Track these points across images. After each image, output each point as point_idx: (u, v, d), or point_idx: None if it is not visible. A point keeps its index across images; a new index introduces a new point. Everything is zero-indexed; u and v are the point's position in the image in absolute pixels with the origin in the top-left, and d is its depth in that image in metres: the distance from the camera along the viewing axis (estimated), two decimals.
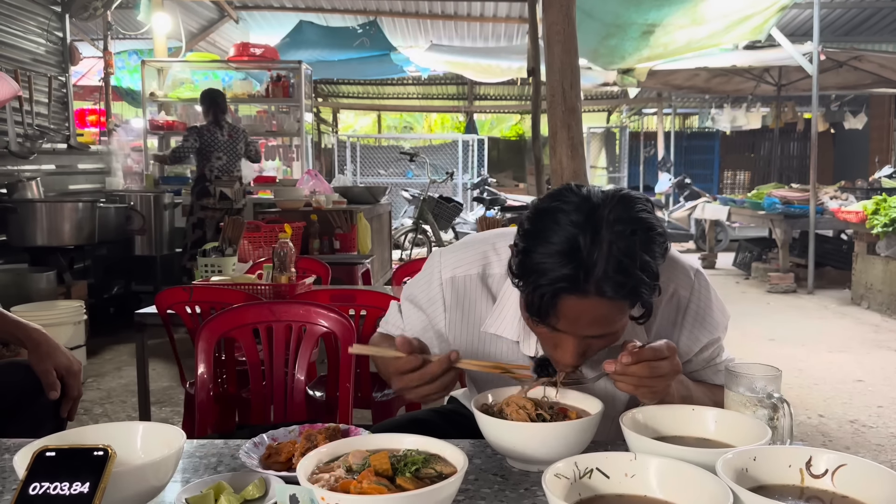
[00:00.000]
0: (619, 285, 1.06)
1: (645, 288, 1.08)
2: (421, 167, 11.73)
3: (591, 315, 1.10)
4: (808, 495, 0.93)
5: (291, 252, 2.75)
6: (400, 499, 0.87)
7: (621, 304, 1.10)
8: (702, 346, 1.35)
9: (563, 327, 1.12)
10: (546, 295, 1.08)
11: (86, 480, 0.89)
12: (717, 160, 16.03)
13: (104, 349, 5.06)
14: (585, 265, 1.05)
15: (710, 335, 1.34)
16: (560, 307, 1.09)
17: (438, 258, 1.41)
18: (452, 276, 1.37)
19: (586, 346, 1.16)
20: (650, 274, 1.08)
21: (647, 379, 1.11)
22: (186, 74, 7.99)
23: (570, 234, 1.06)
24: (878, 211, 6.38)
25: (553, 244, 1.07)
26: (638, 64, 8.65)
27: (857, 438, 3.49)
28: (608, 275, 1.05)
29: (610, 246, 1.05)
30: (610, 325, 1.13)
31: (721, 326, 1.36)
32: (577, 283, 1.05)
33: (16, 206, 4.97)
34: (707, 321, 1.34)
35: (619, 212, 1.07)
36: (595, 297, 1.07)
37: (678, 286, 1.33)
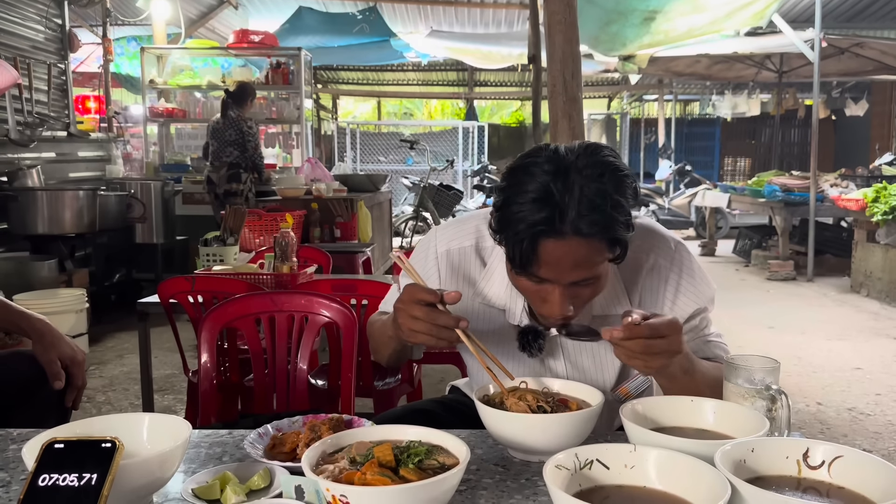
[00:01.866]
0: (594, 223, 1.11)
1: (618, 225, 1.13)
2: (421, 154, 11.71)
3: (570, 257, 1.14)
4: (804, 486, 0.94)
5: (293, 241, 2.76)
6: (403, 490, 0.89)
7: (598, 244, 1.14)
8: (688, 315, 1.36)
9: (545, 274, 1.16)
10: (525, 241, 1.13)
11: (94, 472, 0.90)
12: (717, 147, 16.01)
13: (106, 337, 5.08)
14: (560, 207, 1.10)
15: (695, 304, 1.36)
16: (540, 252, 1.13)
17: (434, 234, 1.46)
18: (447, 250, 1.41)
19: (573, 295, 1.19)
20: (622, 212, 1.13)
21: (640, 354, 1.12)
22: (186, 61, 7.96)
23: (543, 182, 1.12)
24: (879, 199, 6.38)
25: (528, 193, 1.12)
26: (639, 50, 8.61)
27: (855, 426, 3.52)
28: (582, 214, 1.10)
29: (581, 188, 1.11)
30: (590, 267, 1.16)
31: (706, 297, 1.37)
32: (553, 225, 1.11)
33: (16, 195, 4.97)
34: (690, 291, 1.36)
35: (587, 158, 1.14)
36: (572, 237, 1.11)
37: (659, 257, 1.36)
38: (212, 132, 5.83)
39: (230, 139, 5.77)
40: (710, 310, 1.41)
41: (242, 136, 5.75)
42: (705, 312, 1.40)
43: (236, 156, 5.76)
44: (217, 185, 5.75)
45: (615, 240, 1.14)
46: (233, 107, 5.80)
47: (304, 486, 0.92)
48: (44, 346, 1.61)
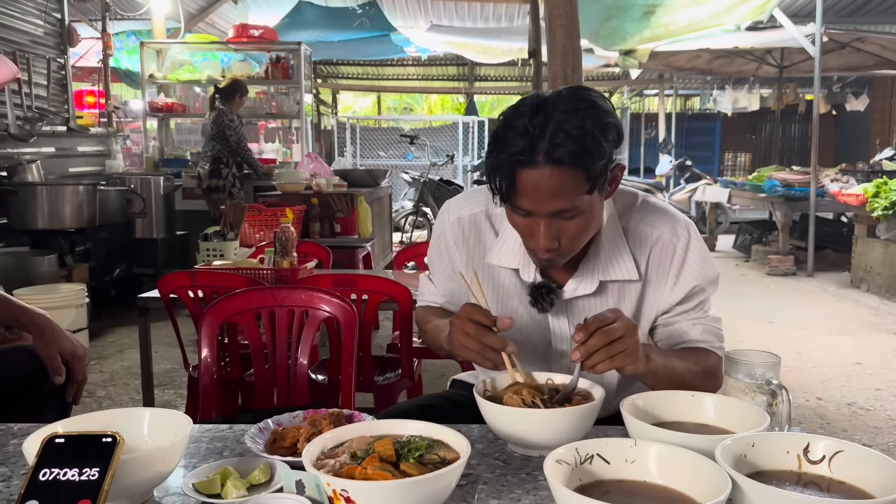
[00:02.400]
0: (566, 150, 1.16)
1: (592, 155, 1.17)
2: (421, 149, 11.70)
3: (546, 186, 1.18)
4: (805, 481, 0.95)
5: (293, 236, 2.76)
6: (404, 484, 0.89)
7: (572, 173, 1.18)
8: (688, 290, 1.40)
9: (525, 205, 1.22)
10: (504, 169, 1.20)
11: (95, 467, 0.90)
12: (717, 142, 15.99)
13: (106, 332, 5.08)
14: (536, 139, 1.17)
15: (695, 280, 1.40)
16: (517, 183, 1.20)
17: (446, 206, 1.55)
18: (459, 217, 1.49)
19: (556, 229, 1.24)
20: (597, 144, 1.17)
21: (610, 346, 1.15)
22: (185, 56, 7.94)
23: (524, 120, 1.19)
24: (879, 194, 6.37)
25: (510, 129, 1.20)
26: (639, 45, 8.60)
27: (855, 421, 3.52)
28: (555, 143, 1.16)
29: (558, 122, 1.17)
30: (567, 197, 1.20)
31: (708, 277, 1.42)
32: (527, 155, 1.17)
33: (16, 189, 4.97)
34: (694, 268, 1.40)
35: (567, 96, 1.21)
36: (546, 165, 1.17)
37: (670, 233, 1.40)
38: (202, 128, 5.86)
39: (212, 134, 5.77)
40: (710, 293, 1.44)
41: (222, 129, 5.73)
42: (704, 294, 1.43)
43: (218, 150, 5.76)
44: (202, 180, 5.77)
45: (588, 169, 1.18)
46: (220, 102, 5.79)
47: (304, 480, 0.92)
48: (44, 341, 1.61)
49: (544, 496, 1.01)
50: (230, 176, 5.77)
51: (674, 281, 1.40)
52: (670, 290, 1.41)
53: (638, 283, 1.40)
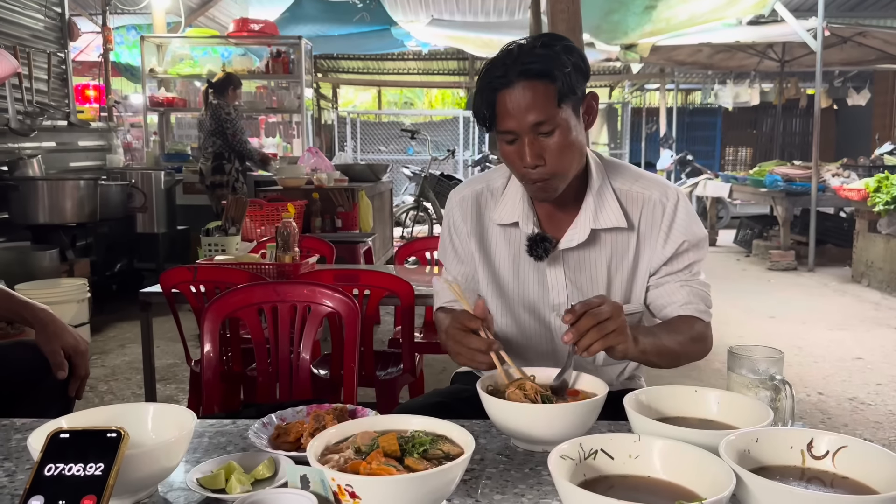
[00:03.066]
0: (534, 64, 1.31)
1: (559, 68, 1.31)
2: (422, 144, 11.68)
3: (522, 101, 1.32)
4: (808, 476, 0.95)
5: (295, 231, 2.75)
6: (409, 479, 0.89)
7: (543, 87, 1.32)
8: (676, 247, 1.49)
9: (510, 124, 1.34)
10: (485, 94, 1.35)
11: (99, 462, 0.90)
12: (719, 136, 15.97)
13: (107, 326, 5.09)
14: (508, 64, 1.33)
15: (683, 236, 1.48)
16: (498, 105, 1.34)
17: (452, 195, 1.66)
18: (462, 196, 1.61)
19: (539, 146, 1.35)
20: (563, 61, 1.32)
21: (600, 326, 1.18)
22: (186, 50, 7.93)
23: (501, 55, 1.36)
24: (880, 189, 6.37)
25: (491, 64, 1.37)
26: (640, 39, 8.58)
27: (856, 416, 3.52)
28: (524, 61, 1.32)
29: (526, 49, 1.34)
30: (542, 109, 1.32)
31: (695, 235, 1.50)
32: (503, 77, 1.33)
33: (17, 184, 4.96)
34: (682, 225, 1.49)
35: (537, 35, 1.39)
36: (518, 81, 1.32)
37: (660, 195, 1.50)
38: (198, 124, 5.85)
39: (210, 129, 5.74)
40: (698, 257, 1.51)
41: (220, 123, 5.71)
42: (692, 256, 1.50)
43: (219, 145, 5.73)
44: (205, 176, 5.75)
45: (557, 82, 1.31)
46: (214, 96, 5.77)
47: (309, 475, 0.92)
48: (47, 336, 1.61)
49: (548, 491, 1.01)
50: (233, 171, 5.75)
51: (664, 238, 1.49)
52: (661, 248, 1.49)
53: (631, 235, 1.49)
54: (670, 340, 1.39)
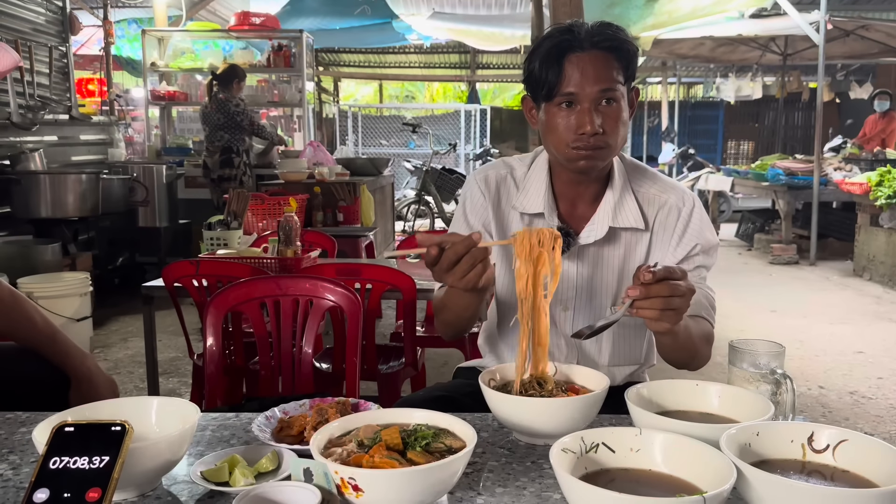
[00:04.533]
0: (609, 37, 1.38)
1: (628, 45, 1.39)
2: (423, 138, 11.67)
3: (593, 68, 1.36)
4: (809, 470, 0.95)
5: (297, 226, 2.76)
6: (411, 472, 0.89)
7: (614, 60, 1.38)
8: (689, 250, 1.50)
9: (573, 87, 1.37)
10: (553, 56, 1.38)
11: (104, 455, 0.91)
12: (720, 130, 15.94)
13: (110, 320, 5.10)
14: (578, 31, 1.38)
15: (696, 239, 1.50)
16: (566, 67, 1.37)
17: (473, 173, 1.65)
18: (486, 175, 1.60)
19: (601, 114, 1.37)
20: (628, 41, 1.40)
21: (669, 299, 1.16)
22: (187, 44, 7.92)
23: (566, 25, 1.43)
24: (883, 182, 6.36)
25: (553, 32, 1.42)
26: (643, 32, 8.56)
27: (857, 410, 3.53)
28: (597, 32, 1.38)
29: (594, 25, 1.40)
30: (610, 79, 1.37)
31: (706, 240, 1.51)
32: (573, 40, 1.37)
33: (19, 178, 4.97)
34: (695, 229, 1.51)
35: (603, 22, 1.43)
36: (591, 49, 1.37)
37: (676, 199, 1.52)
38: (202, 117, 5.82)
39: (219, 123, 5.72)
40: (708, 263, 1.52)
41: (231, 117, 5.70)
42: (701, 259, 1.50)
43: (227, 140, 5.72)
44: (211, 170, 5.74)
45: (626, 59, 1.38)
46: (220, 89, 5.75)
47: (312, 468, 0.93)
48: (79, 395, 1.55)
49: (549, 484, 1.02)
50: (241, 165, 5.75)
51: (677, 240, 1.51)
52: (673, 250, 1.51)
53: (646, 235, 1.51)
54: (695, 331, 1.39)
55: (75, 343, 1.63)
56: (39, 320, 1.60)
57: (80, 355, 1.60)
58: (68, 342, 1.61)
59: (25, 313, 1.58)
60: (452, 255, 1.22)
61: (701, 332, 1.42)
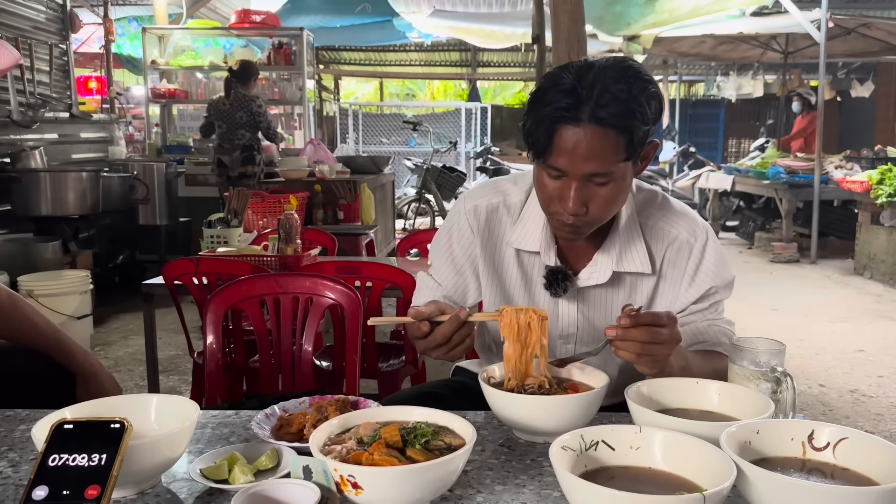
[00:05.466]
0: (611, 112, 1.17)
1: (635, 119, 1.18)
2: (424, 136, 11.66)
3: (585, 146, 1.19)
4: (809, 468, 0.95)
5: (297, 224, 2.76)
6: (410, 470, 0.89)
7: (614, 136, 1.19)
8: (703, 292, 1.41)
9: (562, 164, 1.22)
10: (545, 124, 1.20)
11: (103, 452, 0.91)
12: (721, 128, 15.92)
13: (110, 318, 5.10)
14: (582, 97, 1.18)
15: (711, 282, 1.40)
16: (556, 139, 1.20)
17: (462, 199, 1.52)
18: (475, 205, 1.47)
19: (587, 194, 1.24)
20: (641, 110, 1.19)
21: (647, 345, 1.14)
22: (188, 42, 7.91)
23: (572, 79, 1.20)
24: (883, 181, 6.35)
25: (558, 86, 1.21)
26: (643, 30, 8.55)
27: (857, 408, 3.53)
28: (600, 103, 1.17)
29: (604, 83, 1.18)
30: (605, 161, 1.20)
31: (723, 279, 1.42)
32: (571, 111, 1.18)
33: (20, 176, 4.97)
34: (710, 269, 1.40)
35: (614, 63, 1.22)
36: (588, 123, 1.18)
37: (688, 234, 1.41)
38: (217, 113, 5.68)
39: (241, 121, 5.66)
40: (725, 295, 1.44)
41: (253, 116, 5.67)
42: (719, 296, 1.42)
43: (248, 138, 5.68)
44: (230, 168, 5.63)
45: (630, 134, 1.19)
46: (237, 86, 5.72)
47: (312, 466, 0.93)
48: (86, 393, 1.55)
49: (549, 482, 1.01)
50: (261, 163, 5.74)
51: (689, 280, 1.41)
52: (686, 290, 1.41)
53: (652, 278, 1.41)
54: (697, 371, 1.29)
55: (77, 342, 1.63)
56: (41, 322, 1.60)
57: (83, 353, 1.61)
58: (71, 341, 1.61)
59: (26, 316, 1.58)
60: (441, 336, 1.21)
61: (709, 370, 1.31)
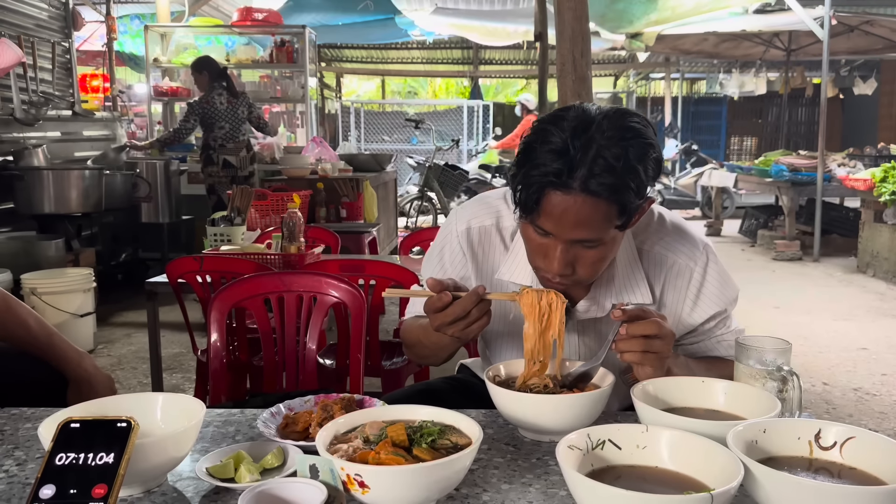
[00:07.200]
0: (604, 183, 1.10)
1: (629, 191, 1.12)
2: (426, 134, 11.66)
3: (574, 214, 1.12)
4: (816, 467, 0.95)
5: (300, 222, 2.76)
6: (417, 469, 0.89)
7: (605, 206, 1.12)
8: (707, 317, 1.38)
9: (547, 226, 1.16)
10: (534, 187, 1.12)
11: (110, 451, 0.91)
12: (724, 126, 15.91)
13: (113, 316, 5.11)
14: (573, 162, 1.10)
15: (715, 307, 1.37)
16: (544, 202, 1.13)
17: (454, 214, 1.47)
18: (468, 228, 1.42)
19: (573, 255, 1.19)
20: (636, 179, 1.12)
21: (650, 341, 1.14)
22: (190, 40, 7.90)
23: (565, 137, 1.11)
24: (887, 178, 6.34)
25: (548, 144, 1.13)
26: (646, 28, 8.54)
27: (861, 406, 3.52)
28: (593, 172, 1.09)
29: (599, 148, 1.10)
30: (594, 229, 1.15)
31: (728, 300, 1.39)
32: (562, 177, 1.10)
33: (23, 174, 4.97)
34: (713, 294, 1.37)
35: (612, 120, 1.13)
36: (579, 192, 1.11)
37: (687, 259, 1.36)
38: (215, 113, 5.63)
39: (243, 117, 5.66)
40: (731, 310, 1.42)
41: (252, 111, 5.68)
42: (725, 314, 1.41)
43: (250, 135, 5.68)
44: (239, 168, 5.59)
45: (623, 205, 1.13)
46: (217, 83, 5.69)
47: (318, 465, 0.93)
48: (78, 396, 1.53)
49: (555, 481, 1.01)
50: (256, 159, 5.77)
51: (691, 305, 1.37)
52: (688, 314, 1.38)
53: (651, 307, 1.35)
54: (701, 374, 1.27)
55: (72, 344, 1.61)
56: (34, 324, 1.58)
57: (77, 357, 1.58)
58: (65, 344, 1.59)
59: (19, 318, 1.56)
60: (461, 309, 1.17)
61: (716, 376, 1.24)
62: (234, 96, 5.67)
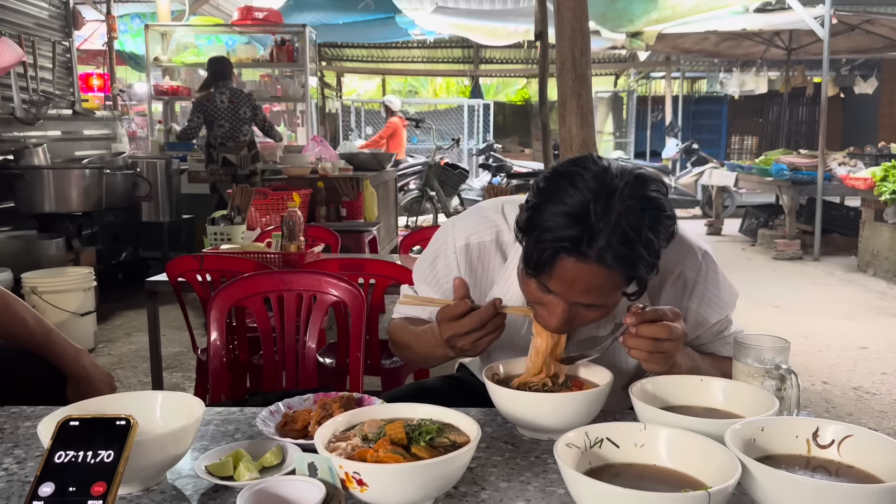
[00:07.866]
0: (620, 256, 1.07)
1: (644, 265, 1.10)
2: (426, 133, 11.66)
3: (585, 281, 1.11)
4: (814, 465, 0.95)
5: (300, 221, 2.76)
6: (415, 467, 0.89)
7: (618, 277, 1.11)
8: (709, 325, 1.39)
9: (555, 288, 1.13)
10: (547, 251, 1.09)
11: (109, 449, 0.91)
12: (724, 125, 15.92)
13: (113, 315, 5.11)
14: (591, 230, 1.06)
15: (717, 315, 1.37)
16: (557, 266, 1.10)
17: (451, 227, 1.43)
18: (467, 244, 1.39)
19: (574, 314, 1.17)
20: (651, 252, 1.10)
21: (658, 342, 1.13)
22: (190, 39, 7.91)
23: (583, 199, 1.07)
24: (887, 177, 6.33)
25: (564, 205, 1.08)
26: (646, 27, 8.54)
27: (861, 405, 3.53)
28: (611, 244, 1.06)
29: (619, 217, 1.07)
30: (602, 296, 1.14)
31: (728, 305, 1.39)
32: (579, 246, 1.07)
33: (23, 173, 4.97)
34: (714, 302, 1.36)
35: (633, 188, 1.09)
36: (594, 263, 1.08)
37: (686, 267, 1.35)
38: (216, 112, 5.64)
39: (245, 117, 5.64)
40: (731, 312, 1.41)
41: (255, 111, 5.66)
42: (727, 318, 1.41)
43: (252, 134, 5.67)
44: (239, 166, 5.59)
45: (637, 277, 1.12)
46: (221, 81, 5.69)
47: (317, 463, 0.93)
48: (76, 393, 1.54)
49: (553, 479, 1.02)
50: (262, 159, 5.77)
51: (693, 315, 1.37)
52: (689, 323, 1.36)
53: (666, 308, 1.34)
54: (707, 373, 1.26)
55: (70, 341, 1.61)
56: (31, 321, 1.58)
57: (75, 354, 1.58)
58: (63, 341, 1.59)
59: (17, 315, 1.56)
60: (478, 320, 1.16)
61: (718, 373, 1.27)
62: (236, 95, 5.66)
